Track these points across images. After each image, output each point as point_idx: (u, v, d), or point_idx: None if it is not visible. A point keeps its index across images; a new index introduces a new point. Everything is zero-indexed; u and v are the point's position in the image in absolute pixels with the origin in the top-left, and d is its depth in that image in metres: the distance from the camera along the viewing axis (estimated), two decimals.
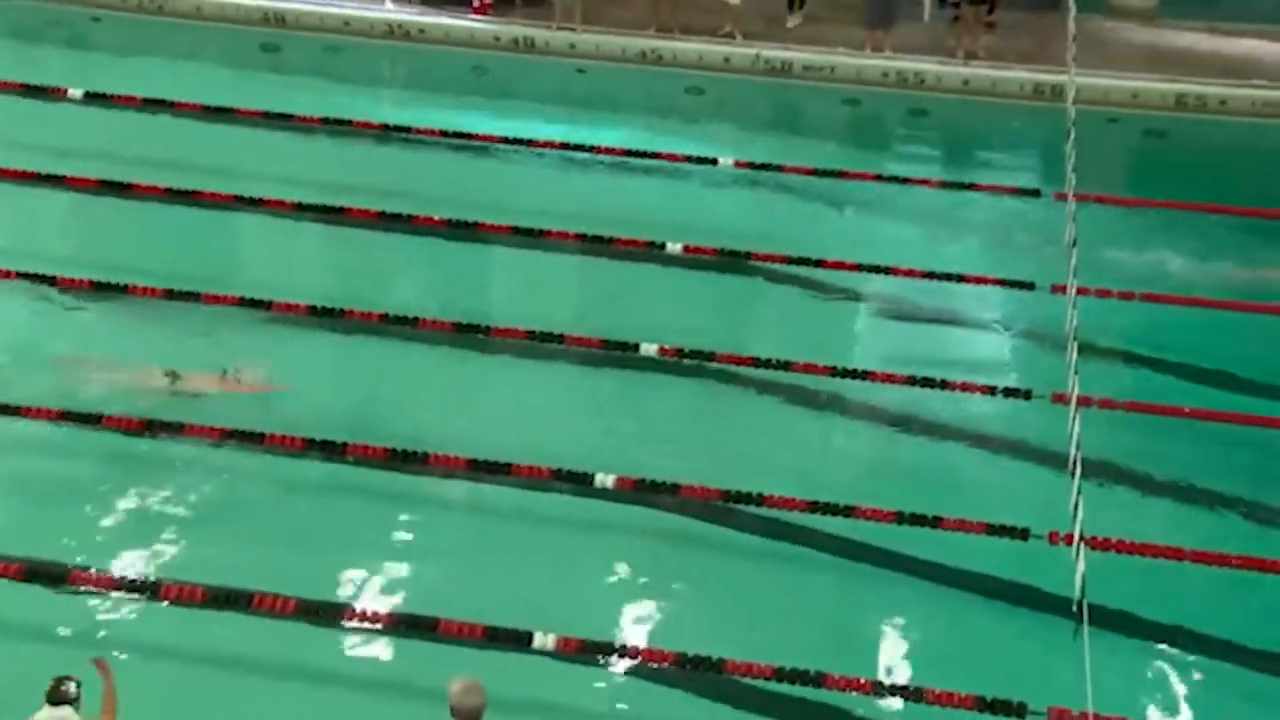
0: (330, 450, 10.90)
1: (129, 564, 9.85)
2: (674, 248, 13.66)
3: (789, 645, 9.38)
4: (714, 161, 15.38)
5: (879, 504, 10.33)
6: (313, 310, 12.52)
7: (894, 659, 9.57)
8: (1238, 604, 9.98)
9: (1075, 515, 9.20)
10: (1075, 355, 10.85)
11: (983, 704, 8.74)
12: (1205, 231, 14.05)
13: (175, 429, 10.96)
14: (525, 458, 10.84)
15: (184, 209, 14.28)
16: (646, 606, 10.01)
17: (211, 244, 14.12)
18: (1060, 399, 10.94)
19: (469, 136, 15.78)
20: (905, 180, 15.25)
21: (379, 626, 9.50)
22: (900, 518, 10.20)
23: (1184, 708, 9.26)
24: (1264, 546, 10.37)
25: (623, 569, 10.29)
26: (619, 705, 9.29)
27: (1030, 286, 13.11)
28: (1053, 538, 9.84)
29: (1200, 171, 15.76)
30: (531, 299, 13.52)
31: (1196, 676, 9.56)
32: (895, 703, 9.04)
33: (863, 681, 9.06)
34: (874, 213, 14.96)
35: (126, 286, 12.71)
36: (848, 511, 10.25)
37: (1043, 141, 15.31)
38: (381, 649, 9.46)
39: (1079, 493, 9.28)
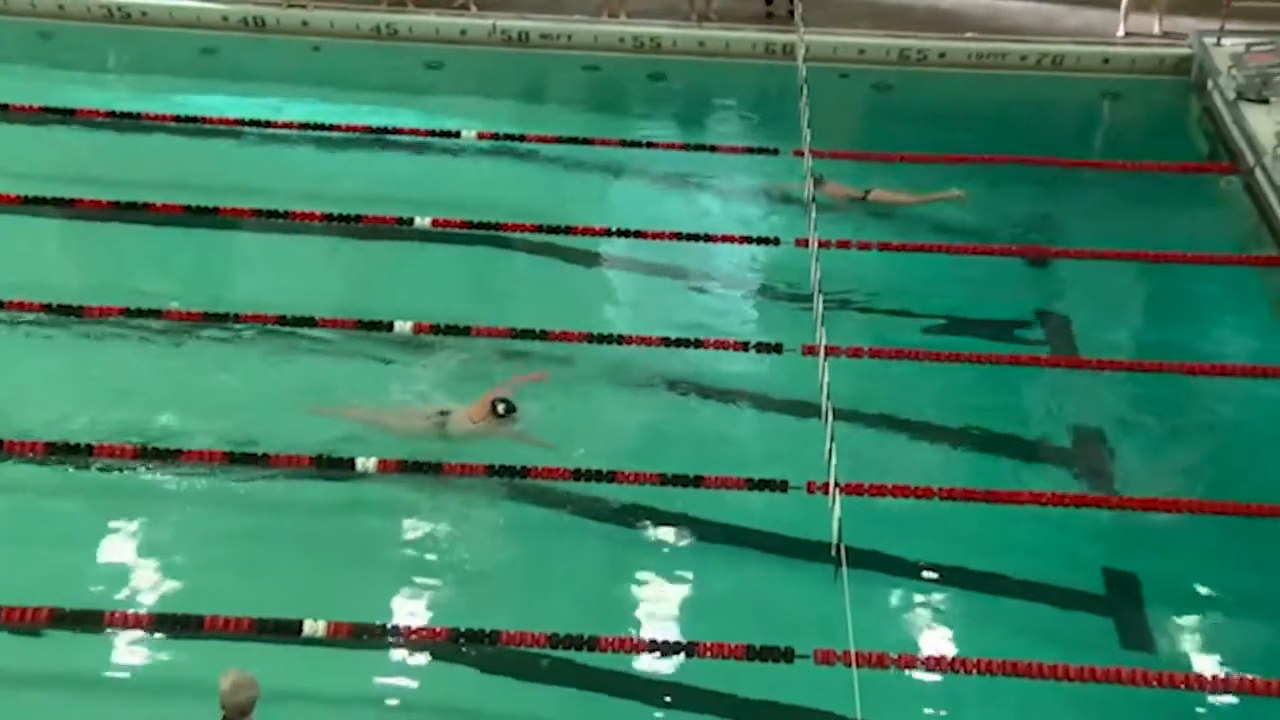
0: (72, 452, 10.53)
1: None
2: (423, 222, 13.54)
3: (562, 612, 9.51)
4: (457, 134, 15.27)
5: (641, 467, 10.48)
6: (47, 308, 12.03)
7: (665, 617, 9.77)
8: (986, 536, 10.45)
9: (829, 464, 9.48)
10: (821, 307, 11.15)
11: (752, 652, 8.99)
12: (934, 179, 14.55)
13: None
14: (283, 447, 10.66)
15: None
16: (416, 585, 9.98)
17: None
18: (810, 351, 11.24)
19: (203, 120, 15.28)
20: (649, 144, 15.39)
21: (141, 628, 9.25)
22: (663, 479, 10.36)
23: (939, 639, 9.69)
24: (1007, 480, 10.88)
25: (390, 550, 10.24)
26: (396, 687, 9.27)
27: (775, 242, 13.41)
28: (810, 487, 10.13)
29: (926, 122, 16.33)
30: (280, 283, 13.23)
31: (952, 608, 10.01)
32: (668, 659, 9.24)
33: (636, 641, 9.22)
34: (620, 177, 15.07)
35: None
36: (611, 477, 10.37)
37: (778, 99, 15.64)
38: (147, 651, 9.22)
39: (832, 441, 9.57)
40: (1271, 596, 10.09)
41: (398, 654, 9.34)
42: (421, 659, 9.33)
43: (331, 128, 15.26)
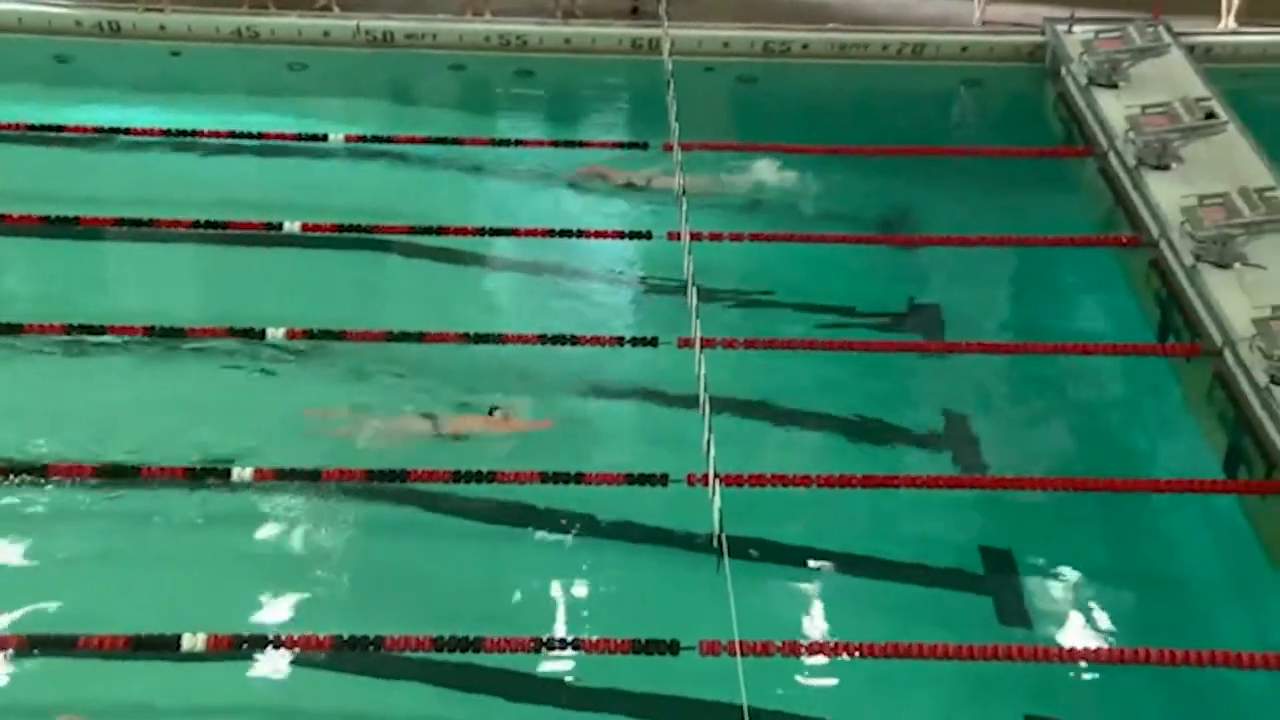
0: None
1: None
2: (292, 227, 13.34)
3: (446, 614, 9.45)
4: (324, 137, 15.09)
5: (521, 466, 10.44)
6: None
7: (549, 615, 9.76)
8: (865, 521, 10.60)
9: (708, 455, 9.55)
10: (695, 299, 11.22)
11: (638, 646, 9.01)
12: (801, 170, 14.73)
13: None
14: (156, 459, 10.47)
15: None
16: (298, 594, 9.88)
17: None
18: (686, 343, 11.29)
19: (59, 129, 14.92)
20: (519, 142, 15.34)
21: (11, 649, 9.03)
22: (543, 477, 10.34)
23: (823, 624, 9.81)
24: (884, 464, 11.04)
25: (270, 559, 10.13)
26: (281, 697, 9.17)
27: (647, 236, 13.44)
28: (690, 479, 10.15)
29: (791, 113, 16.51)
30: (147, 293, 13.00)
31: (833, 593, 10.14)
32: (554, 657, 9.24)
33: (521, 640, 9.19)
34: (491, 176, 15.01)
35: None
36: (491, 477, 10.32)
37: (645, 94, 15.70)
38: (18, 673, 9.00)
39: (710, 432, 9.64)
40: (1139, 568, 10.38)
41: (281, 664, 9.22)
42: (306, 668, 9.22)
43: (194, 133, 14.98)
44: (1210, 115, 14.11)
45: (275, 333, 11.86)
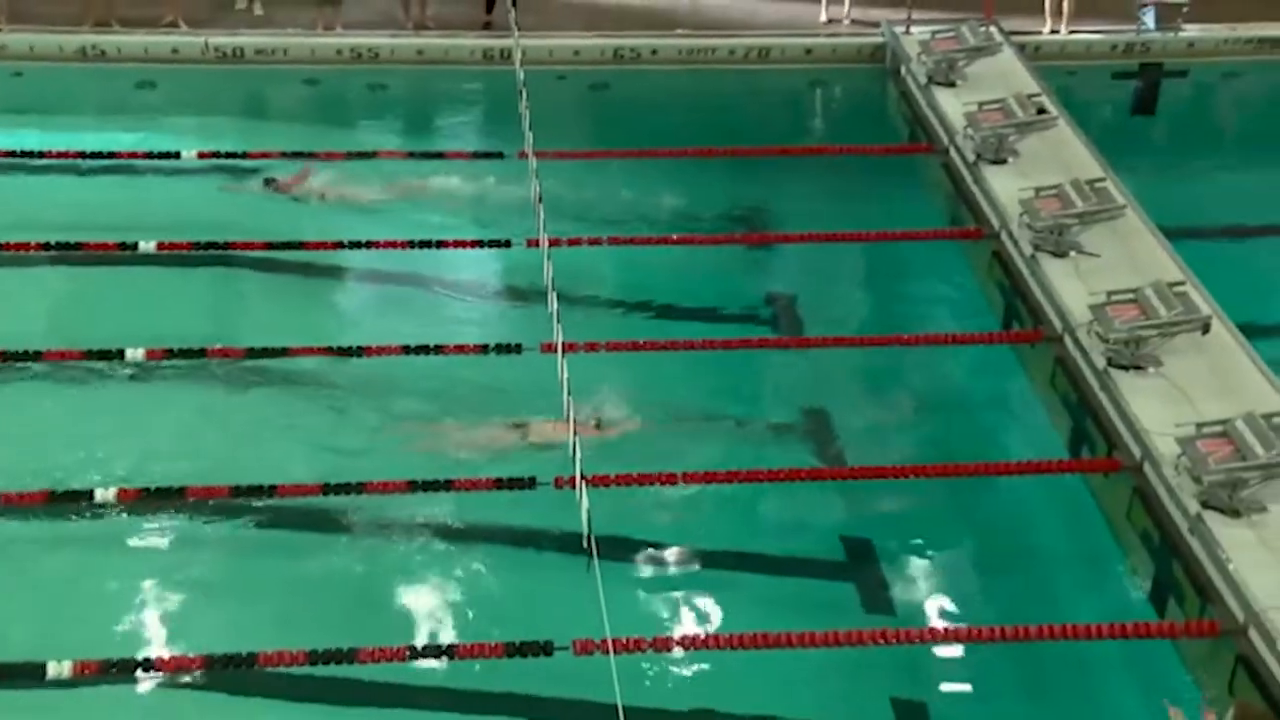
0: None
1: None
2: (147, 247, 13.19)
3: (319, 627, 9.46)
4: (176, 155, 14.93)
5: (388, 476, 10.51)
6: None
7: (423, 623, 9.83)
8: (730, 516, 10.82)
9: (575, 457, 9.71)
10: (556, 304, 11.36)
11: (512, 649, 9.10)
12: (655, 173, 14.96)
13: None
14: (14, 484, 10.33)
15: None
16: (167, 615, 9.83)
17: None
18: (549, 348, 11.41)
19: None
20: (374, 154, 15.36)
21: None
22: (412, 485, 10.40)
23: (694, 619, 10.02)
24: (747, 460, 11.25)
25: (137, 581, 10.05)
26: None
27: (506, 244, 13.51)
28: (558, 481, 10.25)
29: (644, 118, 16.74)
30: None
31: (703, 588, 10.32)
32: (429, 664, 9.32)
33: (395, 650, 9.24)
34: (349, 189, 14.99)
35: None
36: (359, 488, 10.35)
37: (499, 104, 15.81)
38: None
39: (575, 435, 9.80)
40: (993, 548, 10.76)
41: (152, 687, 9.15)
42: (178, 689, 9.17)
43: (41, 154, 14.74)
44: (1042, 111, 14.63)
45: (134, 353, 11.76)
